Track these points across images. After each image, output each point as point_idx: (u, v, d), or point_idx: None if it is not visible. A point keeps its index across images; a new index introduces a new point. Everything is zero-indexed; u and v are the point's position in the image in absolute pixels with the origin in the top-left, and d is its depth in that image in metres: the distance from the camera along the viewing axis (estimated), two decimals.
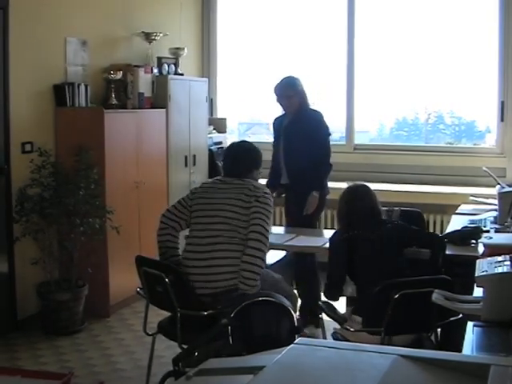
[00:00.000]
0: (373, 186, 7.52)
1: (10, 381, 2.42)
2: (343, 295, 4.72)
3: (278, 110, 6.23)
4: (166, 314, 4.64)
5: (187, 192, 4.80)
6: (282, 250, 5.72)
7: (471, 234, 4.90)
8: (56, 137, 6.41)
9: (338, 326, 4.40)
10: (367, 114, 8.44)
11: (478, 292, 3.14)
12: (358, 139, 8.43)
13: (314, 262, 5.92)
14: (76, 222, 5.97)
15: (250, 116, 9.17)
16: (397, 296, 3.97)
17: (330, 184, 6.24)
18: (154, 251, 5.73)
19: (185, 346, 4.16)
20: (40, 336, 5.98)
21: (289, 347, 2.11)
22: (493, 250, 3.86)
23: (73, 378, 2.46)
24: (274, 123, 6.33)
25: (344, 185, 7.48)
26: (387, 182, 7.79)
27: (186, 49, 7.96)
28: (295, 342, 2.21)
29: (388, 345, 3.85)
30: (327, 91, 8.42)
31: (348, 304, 4.96)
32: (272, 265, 5.53)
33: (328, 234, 5.22)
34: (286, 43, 8.61)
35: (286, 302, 3.53)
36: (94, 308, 6.27)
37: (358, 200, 4.63)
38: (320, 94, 8.12)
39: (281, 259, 5.98)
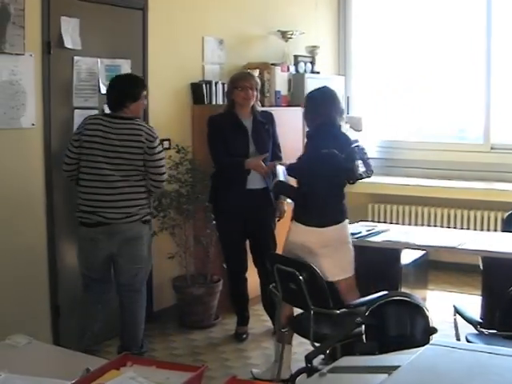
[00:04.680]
0: (510, 187, 7.39)
1: (146, 371, 2.49)
2: None
3: None
4: (299, 310, 4.65)
5: None
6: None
7: None
8: (193, 134, 6.53)
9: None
10: (504, 113, 8.16)
11: None
12: (494, 139, 8.13)
13: None
14: (212, 218, 6.04)
15: (385, 114, 9.03)
16: None
17: (466, 184, 6.07)
18: None
19: (317, 344, 4.16)
20: (174, 328, 6.12)
21: (424, 348, 2.08)
22: None
23: (206, 371, 2.50)
24: None
25: (480, 184, 7.37)
26: None
27: (322, 47, 7.95)
28: (430, 342, 2.17)
29: None
30: (464, 89, 8.23)
31: None
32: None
33: None
34: (422, 40, 8.45)
35: (422, 302, 3.47)
36: (228, 303, 6.33)
37: None
38: (457, 91, 7.95)
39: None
